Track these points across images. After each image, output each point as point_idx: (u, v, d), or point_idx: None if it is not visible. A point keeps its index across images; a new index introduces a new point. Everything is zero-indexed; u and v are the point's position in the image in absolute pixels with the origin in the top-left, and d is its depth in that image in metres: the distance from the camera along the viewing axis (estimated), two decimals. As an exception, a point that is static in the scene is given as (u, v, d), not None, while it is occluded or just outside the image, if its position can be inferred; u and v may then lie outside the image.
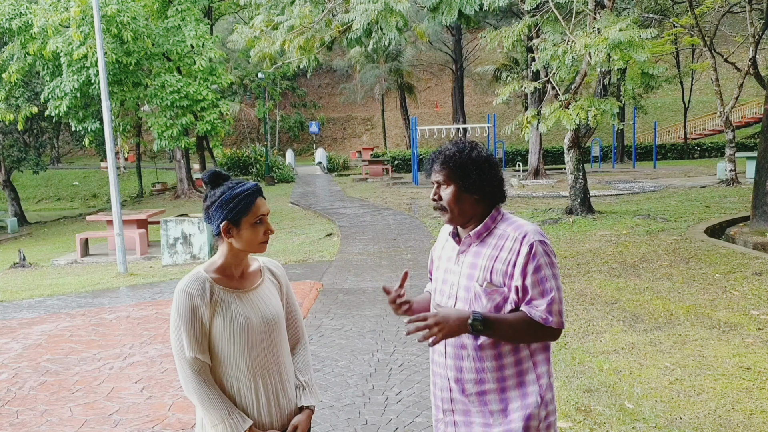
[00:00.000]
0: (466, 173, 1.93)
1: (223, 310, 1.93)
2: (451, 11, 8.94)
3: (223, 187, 1.97)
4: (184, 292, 1.91)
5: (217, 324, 1.92)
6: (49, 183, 40.51)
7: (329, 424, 3.98)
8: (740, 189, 16.33)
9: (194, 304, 1.90)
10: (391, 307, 2.09)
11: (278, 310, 2.06)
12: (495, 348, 1.92)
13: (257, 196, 1.95)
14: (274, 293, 2.08)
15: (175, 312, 1.91)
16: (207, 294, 1.92)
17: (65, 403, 4.56)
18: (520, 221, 1.96)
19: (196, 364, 1.90)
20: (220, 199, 1.94)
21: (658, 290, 6.67)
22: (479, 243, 1.96)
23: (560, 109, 10.75)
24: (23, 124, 17.19)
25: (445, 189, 1.97)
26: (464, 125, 28.73)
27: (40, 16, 13.26)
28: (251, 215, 1.93)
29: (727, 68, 22.50)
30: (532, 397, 1.92)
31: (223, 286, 1.96)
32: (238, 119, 40.58)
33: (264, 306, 2.01)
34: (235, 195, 1.93)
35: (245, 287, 2.01)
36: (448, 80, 44.66)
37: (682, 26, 19.21)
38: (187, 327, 1.89)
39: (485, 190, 1.95)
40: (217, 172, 2.03)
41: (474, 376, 1.94)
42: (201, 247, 10.83)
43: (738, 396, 4.00)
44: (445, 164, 1.96)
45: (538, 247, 1.88)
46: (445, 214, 1.99)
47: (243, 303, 1.97)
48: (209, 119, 14.70)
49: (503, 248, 1.91)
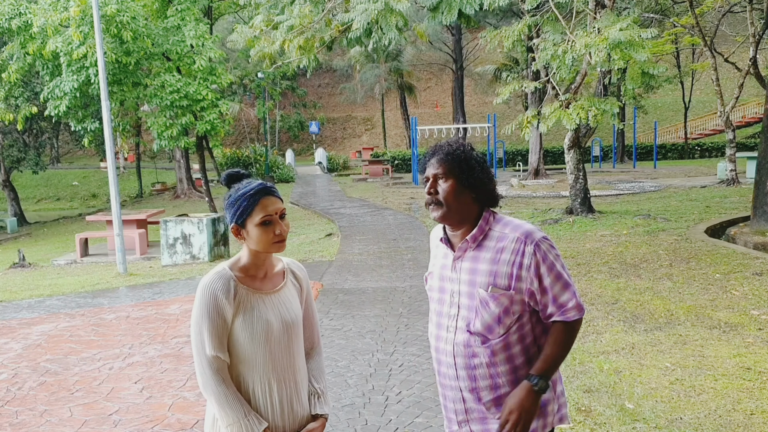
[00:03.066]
0: (468, 168, 1.92)
1: (246, 310, 1.90)
2: (451, 11, 8.92)
3: (232, 188, 1.94)
4: (209, 289, 1.87)
5: (238, 324, 1.90)
6: (48, 183, 40.50)
7: (329, 424, 3.96)
8: (740, 189, 16.32)
9: (218, 301, 1.86)
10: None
11: (297, 315, 2.03)
12: (506, 351, 1.91)
13: (261, 197, 1.89)
14: (294, 296, 2.06)
15: (198, 308, 1.88)
16: (231, 292, 1.89)
17: (65, 404, 4.55)
18: (514, 221, 1.95)
19: (216, 363, 1.87)
20: (227, 201, 1.93)
21: (659, 290, 6.66)
22: (476, 247, 1.93)
23: (560, 109, 10.74)
24: (23, 124, 17.15)
25: (443, 183, 1.92)
26: (464, 125, 28.70)
27: (40, 16, 13.23)
28: (255, 216, 1.88)
29: (728, 68, 22.49)
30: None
31: (247, 286, 1.93)
32: (238, 119, 40.56)
33: (285, 310, 1.99)
34: (239, 197, 1.90)
35: (268, 289, 1.98)
36: (448, 80, 44.65)
37: (682, 26, 19.20)
38: (209, 325, 1.86)
39: (482, 190, 1.93)
40: (232, 172, 1.98)
41: (489, 383, 1.93)
42: (201, 247, 10.82)
43: (738, 396, 3.99)
44: (445, 158, 1.94)
45: (544, 245, 1.87)
46: (438, 209, 1.92)
47: (265, 305, 1.94)
48: (209, 119, 14.67)
49: (504, 250, 1.88)
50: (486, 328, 1.90)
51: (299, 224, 14.99)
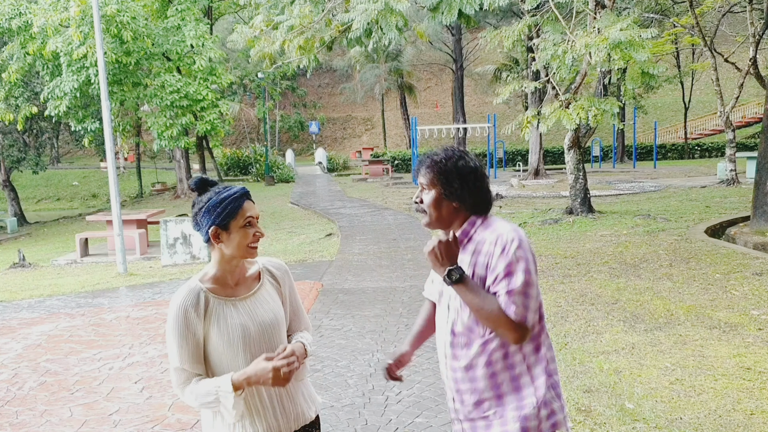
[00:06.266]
0: (449, 181, 1.96)
1: (219, 320, 1.92)
2: (451, 11, 8.92)
3: (210, 192, 1.95)
4: (180, 306, 1.90)
5: (213, 334, 1.92)
6: (48, 183, 40.52)
7: (329, 424, 3.97)
8: (740, 189, 16.32)
9: (188, 318, 1.89)
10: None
11: (277, 314, 2.04)
12: (485, 355, 1.92)
13: (245, 200, 1.93)
14: (273, 296, 2.06)
15: (170, 324, 1.91)
16: (201, 306, 1.91)
17: (65, 404, 4.56)
18: (498, 226, 1.94)
19: (183, 375, 1.91)
20: (207, 204, 1.92)
21: (659, 290, 6.66)
22: (462, 251, 1.98)
23: (560, 109, 10.74)
24: (23, 124, 17.18)
25: (427, 193, 2.01)
26: (464, 125, 28.69)
27: (40, 16, 13.25)
28: (239, 218, 1.91)
29: (728, 68, 22.47)
30: (528, 399, 1.92)
31: (218, 295, 1.95)
32: (238, 119, 40.60)
33: (262, 311, 2.00)
34: (222, 199, 1.91)
35: (241, 294, 1.99)
36: (448, 80, 44.66)
37: (682, 26, 19.21)
38: (179, 340, 1.89)
39: (466, 200, 1.97)
40: (203, 178, 2.01)
41: (469, 386, 1.97)
42: (201, 247, 10.82)
43: (738, 396, 3.99)
44: (430, 169, 1.99)
45: (511, 246, 1.86)
46: (424, 217, 2.05)
47: (239, 311, 1.95)
48: (209, 119, 14.68)
49: (481, 253, 1.92)
50: (467, 328, 1.94)
51: (299, 224, 14.99)
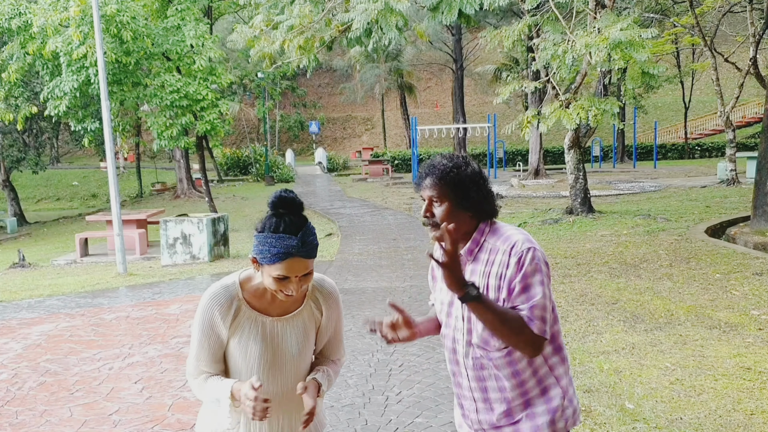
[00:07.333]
0: (464, 191, 1.88)
1: (243, 334, 1.85)
2: (451, 11, 8.92)
3: (269, 222, 1.76)
4: (210, 305, 1.83)
5: (233, 343, 1.87)
6: (48, 183, 40.48)
7: (329, 424, 3.97)
8: (741, 189, 16.32)
9: (214, 320, 1.83)
10: (386, 332, 2.11)
11: (303, 347, 1.94)
12: (511, 366, 1.90)
13: (289, 258, 1.73)
14: (308, 324, 1.96)
15: (197, 318, 1.86)
16: (232, 313, 1.83)
17: (65, 404, 4.55)
18: (508, 232, 1.90)
19: (195, 368, 1.90)
20: (260, 231, 1.77)
21: (659, 290, 6.66)
22: (473, 261, 1.92)
23: (560, 109, 10.74)
24: (23, 124, 17.15)
25: (438, 206, 1.91)
26: (464, 125, 28.69)
27: (40, 16, 13.24)
28: (274, 270, 1.75)
29: (728, 68, 22.47)
30: (556, 401, 1.92)
31: (252, 307, 1.86)
32: (238, 119, 40.58)
33: (289, 341, 1.90)
34: (266, 243, 1.74)
35: (276, 313, 1.89)
36: (448, 80, 44.64)
37: (682, 26, 19.21)
38: (201, 337, 1.85)
39: (480, 207, 1.91)
40: (285, 196, 1.78)
41: (499, 395, 1.93)
42: (201, 247, 10.82)
43: (739, 396, 3.99)
44: (439, 181, 1.90)
45: (526, 256, 1.83)
46: (436, 230, 1.91)
47: (266, 332, 1.87)
48: (209, 119, 14.66)
49: (494, 263, 1.87)
50: (483, 340, 1.90)
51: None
